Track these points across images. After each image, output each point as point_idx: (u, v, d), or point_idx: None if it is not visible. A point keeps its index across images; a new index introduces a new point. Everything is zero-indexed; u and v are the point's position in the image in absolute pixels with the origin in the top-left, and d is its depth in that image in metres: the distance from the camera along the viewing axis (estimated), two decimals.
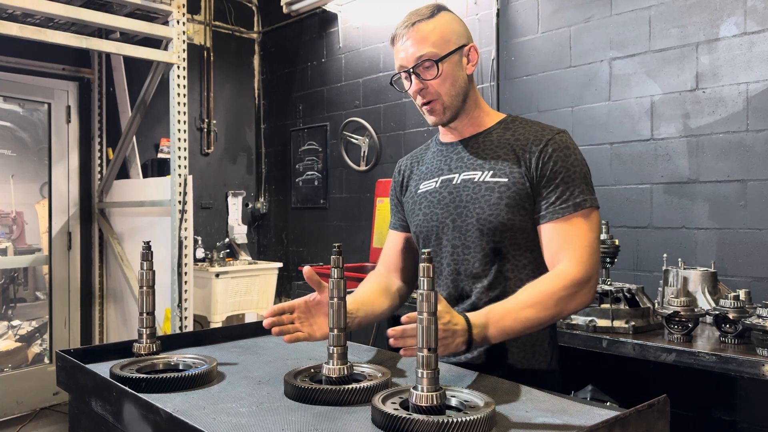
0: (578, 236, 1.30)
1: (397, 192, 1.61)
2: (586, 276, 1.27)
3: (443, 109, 1.39)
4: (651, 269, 2.61)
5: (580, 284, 1.26)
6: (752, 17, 2.37)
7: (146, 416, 0.98)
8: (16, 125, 4.37)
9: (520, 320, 1.21)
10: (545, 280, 1.27)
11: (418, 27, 1.37)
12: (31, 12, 3.05)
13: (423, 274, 0.93)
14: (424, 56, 1.35)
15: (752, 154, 2.37)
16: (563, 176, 1.33)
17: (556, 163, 1.34)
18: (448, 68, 1.37)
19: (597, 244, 1.32)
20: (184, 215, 3.39)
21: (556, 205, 1.32)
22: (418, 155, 1.60)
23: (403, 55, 1.38)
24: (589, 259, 1.28)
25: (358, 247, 3.88)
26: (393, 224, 1.64)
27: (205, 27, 4.59)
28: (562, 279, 1.26)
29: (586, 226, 1.31)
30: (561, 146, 1.35)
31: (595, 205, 1.34)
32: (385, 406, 0.94)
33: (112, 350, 1.37)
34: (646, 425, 0.92)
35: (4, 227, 4.35)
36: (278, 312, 1.23)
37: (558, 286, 1.24)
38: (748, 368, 1.69)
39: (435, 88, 1.37)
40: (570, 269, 1.27)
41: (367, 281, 1.54)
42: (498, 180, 1.36)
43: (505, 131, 1.42)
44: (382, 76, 3.88)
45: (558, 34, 2.96)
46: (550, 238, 1.33)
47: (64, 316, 4.25)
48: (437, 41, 1.36)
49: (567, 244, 1.30)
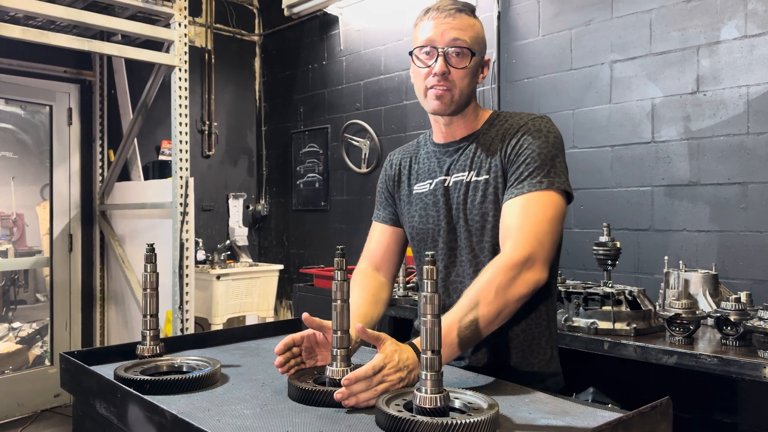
0: (526, 216, 1.26)
1: (389, 185, 1.59)
2: (523, 256, 1.21)
3: (451, 101, 1.38)
4: (652, 272, 2.62)
5: (518, 265, 1.20)
6: (753, 20, 2.38)
7: (151, 418, 0.98)
8: (18, 127, 4.38)
9: (467, 326, 1.15)
10: (484, 273, 1.23)
11: (462, 15, 1.37)
12: (33, 15, 3.05)
13: (426, 276, 0.93)
14: (460, 42, 1.34)
15: (753, 157, 2.37)
16: (525, 158, 1.32)
17: (522, 146, 1.34)
18: (473, 66, 1.38)
19: (548, 225, 1.26)
20: (186, 217, 3.39)
21: (513, 185, 1.32)
22: (411, 152, 1.58)
23: (436, 31, 1.35)
24: (530, 238, 1.23)
25: (358, 250, 3.84)
26: (381, 217, 1.61)
27: (207, 29, 4.60)
28: (498, 266, 1.21)
29: (538, 207, 1.27)
30: (532, 130, 1.36)
31: (558, 188, 1.29)
32: (388, 407, 0.94)
33: (116, 352, 1.37)
34: (649, 427, 0.92)
35: (5, 229, 4.35)
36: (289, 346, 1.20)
37: (495, 275, 1.20)
38: (750, 370, 1.69)
39: (456, 77, 1.36)
40: (507, 252, 1.23)
41: (356, 288, 1.49)
42: (480, 178, 1.38)
43: (491, 128, 1.43)
44: (382, 79, 3.89)
45: (559, 37, 2.97)
46: (503, 219, 1.31)
47: (65, 318, 4.25)
48: (474, 37, 1.37)
49: (513, 225, 1.27)
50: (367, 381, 1.03)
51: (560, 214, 1.30)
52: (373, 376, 1.04)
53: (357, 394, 1.03)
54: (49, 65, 4.05)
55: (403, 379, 1.07)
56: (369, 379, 1.03)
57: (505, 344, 1.38)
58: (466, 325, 1.16)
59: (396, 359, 1.07)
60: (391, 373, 1.05)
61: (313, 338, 1.23)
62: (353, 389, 1.03)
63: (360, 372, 1.03)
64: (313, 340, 1.24)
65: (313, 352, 1.24)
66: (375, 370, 1.04)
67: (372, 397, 1.03)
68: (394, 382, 1.05)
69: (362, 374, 1.03)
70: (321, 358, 1.24)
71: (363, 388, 1.03)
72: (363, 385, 1.03)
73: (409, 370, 1.08)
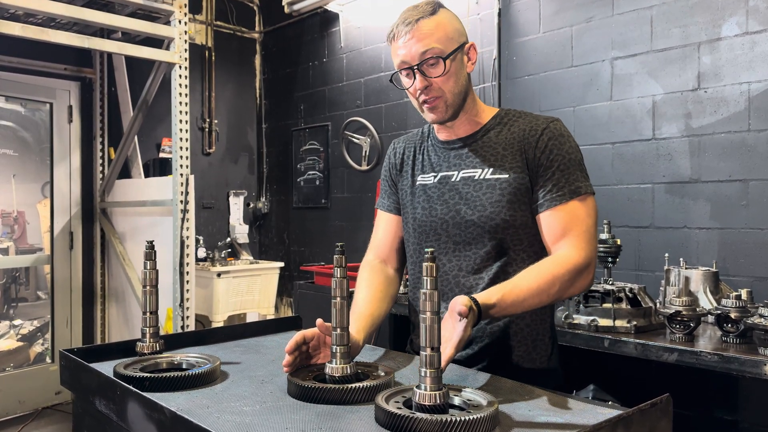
0: (576, 222, 1.32)
1: (393, 173, 1.58)
2: (585, 261, 1.29)
3: (446, 107, 1.38)
4: (652, 269, 2.61)
5: (580, 270, 1.28)
6: (754, 17, 2.37)
7: (150, 415, 0.98)
8: (18, 125, 4.38)
9: (523, 307, 1.25)
10: (548, 266, 1.28)
11: (421, 24, 1.35)
12: (33, 12, 3.05)
13: (426, 273, 0.93)
14: (428, 53, 1.34)
15: (754, 154, 2.37)
16: (559, 164, 1.34)
17: (551, 151, 1.35)
18: (453, 66, 1.36)
19: (594, 229, 1.34)
20: (186, 215, 3.39)
21: (553, 192, 1.34)
22: (415, 141, 1.56)
23: (404, 52, 1.36)
24: (587, 245, 1.31)
25: (359, 247, 3.84)
26: (386, 206, 1.60)
27: (207, 27, 4.59)
28: (564, 265, 1.27)
29: (584, 212, 1.33)
30: (556, 134, 1.37)
31: (591, 191, 1.36)
32: (388, 405, 0.94)
33: (115, 349, 1.37)
34: (650, 424, 0.92)
35: (6, 227, 4.36)
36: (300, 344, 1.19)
37: (560, 272, 1.26)
38: (750, 368, 1.69)
39: (439, 85, 1.36)
40: (571, 255, 1.29)
41: (364, 283, 1.49)
42: (499, 176, 1.37)
43: (502, 127, 1.43)
44: (383, 76, 3.89)
45: (560, 34, 2.96)
46: (549, 226, 1.34)
47: (66, 316, 4.26)
48: (441, 38, 1.35)
49: (566, 231, 1.32)
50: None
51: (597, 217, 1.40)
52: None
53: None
54: (49, 63, 4.05)
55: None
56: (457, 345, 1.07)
57: (510, 339, 1.38)
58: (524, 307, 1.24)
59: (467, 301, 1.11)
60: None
61: (322, 337, 1.24)
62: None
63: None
64: (321, 339, 1.24)
65: (318, 350, 1.24)
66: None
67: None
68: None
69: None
70: (324, 356, 1.24)
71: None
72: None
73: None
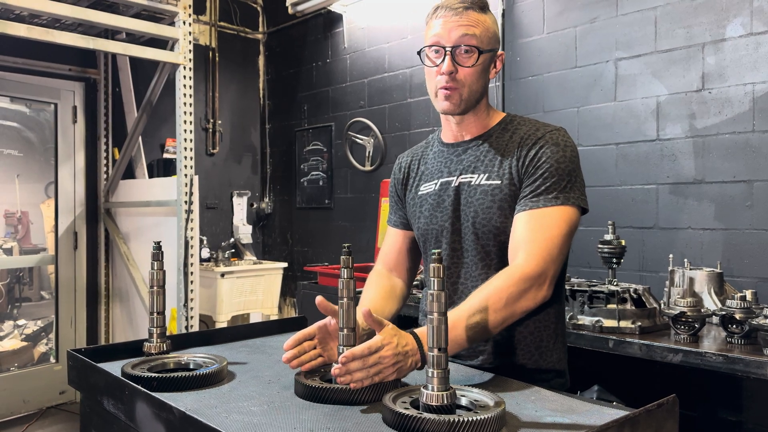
0: (541, 230, 1.27)
1: (398, 189, 1.61)
2: (537, 271, 1.23)
3: (461, 100, 1.38)
4: (657, 270, 2.61)
5: (531, 279, 1.22)
6: (758, 18, 2.37)
7: (159, 415, 0.99)
8: (23, 125, 4.39)
9: (470, 327, 1.15)
10: (496, 279, 1.23)
11: (470, 13, 1.35)
12: (38, 13, 3.06)
13: (433, 274, 0.94)
14: (468, 39, 1.33)
15: (758, 155, 2.37)
16: (543, 171, 1.32)
17: (540, 158, 1.33)
18: (482, 64, 1.37)
19: (561, 241, 1.27)
20: (191, 215, 3.40)
21: (528, 197, 1.31)
22: (419, 152, 1.58)
23: (443, 31, 1.35)
24: (544, 254, 1.24)
25: (363, 248, 3.88)
26: (393, 222, 1.63)
27: (211, 27, 4.60)
28: (511, 276, 1.22)
29: (553, 222, 1.28)
30: (551, 143, 1.35)
31: (573, 204, 1.30)
32: (395, 405, 0.95)
33: (123, 349, 1.38)
34: (656, 425, 0.92)
35: (10, 227, 4.37)
36: (300, 340, 1.19)
37: (507, 284, 1.20)
38: (755, 369, 1.69)
39: (464, 77, 1.36)
40: (521, 264, 1.24)
41: (371, 285, 1.53)
42: (492, 183, 1.37)
43: (504, 132, 1.42)
44: (387, 77, 3.89)
45: (564, 35, 2.96)
46: (514, 230, 1.31)
47: (70, 316, 4.27)
48: (483, 34, 1.36)
49: (527, 238, 1.27)
50: (362, 360, 1.03)
51: (573, 230, 1.31)
52: (369, 355, 1.03)
53: (353, 372, 1.03)
54: (53, 63, 4.06)
55: (398, 362, 1.06)
56: (365, 359, 1.03)
57: (514, 346, 1.38)
58: (472, 326, 1.16)
59: (394, 342, 1.06)
60: (388, 356, 1.04)
61: (325, 329, 1.22)
62: (349, 367, 1.02)
63: (357, 350, 1.03)
64: (326, 331, 1.22)
65: (328, 345, 1.23)
66: (371, 351, 1.03)
67: (366, 377, 1.03)
68: (388, 365, 1.04)
69: (358, 353, 1.03)
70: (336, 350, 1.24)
71: (359, 367, 1.03)
72: (359, 363, 1.03)
73: (405, 355, 1.07)
